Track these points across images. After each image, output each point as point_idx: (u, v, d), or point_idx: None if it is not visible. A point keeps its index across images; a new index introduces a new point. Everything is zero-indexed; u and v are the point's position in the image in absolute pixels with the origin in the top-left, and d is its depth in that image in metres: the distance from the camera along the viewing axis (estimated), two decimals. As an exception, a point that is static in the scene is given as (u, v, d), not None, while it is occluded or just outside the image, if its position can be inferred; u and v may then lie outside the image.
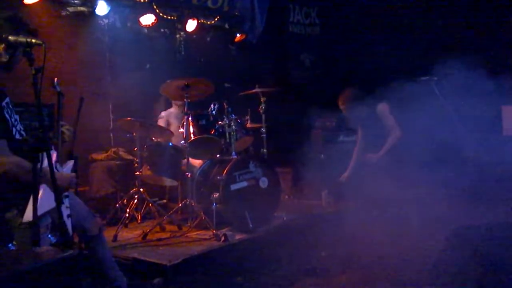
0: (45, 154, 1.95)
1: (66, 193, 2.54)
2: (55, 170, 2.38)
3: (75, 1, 4.99)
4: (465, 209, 4.15)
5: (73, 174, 2.55)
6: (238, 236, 4.04)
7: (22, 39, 2.01)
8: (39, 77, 1.96)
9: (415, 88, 4.59)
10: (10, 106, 2.44)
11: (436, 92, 4.25)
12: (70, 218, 2.47)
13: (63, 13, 5.00)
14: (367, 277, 3.73)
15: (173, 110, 5.23)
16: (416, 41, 6.22)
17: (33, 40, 2.01)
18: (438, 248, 3.35)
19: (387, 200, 4.44)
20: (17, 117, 2.49)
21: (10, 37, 2.00)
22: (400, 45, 6.18)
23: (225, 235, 3.91)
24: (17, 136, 2.42)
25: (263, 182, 4.47)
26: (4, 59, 2.32)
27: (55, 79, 2.64)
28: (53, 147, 2.52)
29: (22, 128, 2.51)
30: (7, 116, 2.35)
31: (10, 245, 2.82)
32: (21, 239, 2.30)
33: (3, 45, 2.27)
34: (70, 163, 2.74)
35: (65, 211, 2.46)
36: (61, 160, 2.60)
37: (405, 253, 3.95)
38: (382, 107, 4.86)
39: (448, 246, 3.33)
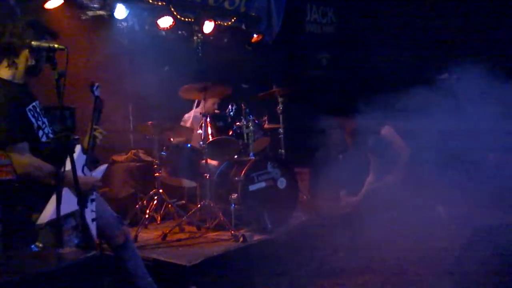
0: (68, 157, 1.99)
1: (92, 197, 2.57)
2: (82, 173, 2.43)
3: (94, 5, 5.06)
4: (485, 210, 4.09)
5: (97, 178, 2.58)
6: (256, 237, 4.04)
7: (44, 44, 2.05)
8: (62, 81, 2.01)
9: (433, 87, 4.54)
10: (37, 109, 2.50)
11: (455, 90, 4.19)
12: (94, 222, 2.51)
13: (83, 17, 5.08)
14: (387, 278, 3.70)
15: (197, 113, 5.23)
16: (434, 41, 6.14)
17: (56, 45, 2.06)
18: (458, 249, 3.30)
19: (406, 202, 4.40)
20: (45, 120, 2.54)
21: (33, 42, 2.05)
22: (419, 44, 6.11)
23: (243, 236, 3.92)
24: (44, 139, 2.47)
25: (281, 183, 4.46)
26: (31, 63, 2.37)
27: (96, 84, 2.73)
28: (81, 150, 2.57)
29: (50, 131, 2.55)
30: (32, 119, 2.41)
31: (33, 246, 2.89)
32: (45, 240, 2.36)
33: (27, 50, 2.33)
34: (102, 167, 2.76)
35: (90, 215, 2.49)
36: (89, 164, 2.63)
37: (425, 254, 3.91)
38: (386, 132, 4.85)
39: (468, 247, 3.29)
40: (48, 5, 4.68)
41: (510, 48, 5.53)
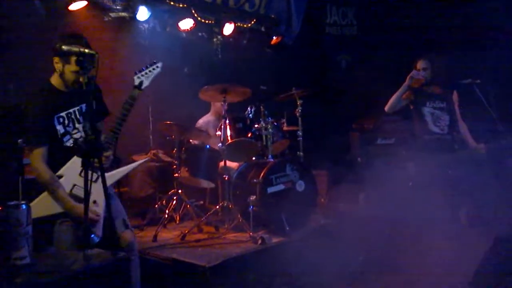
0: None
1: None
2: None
3: (117, 7, 5.13)
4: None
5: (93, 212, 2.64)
6: (274, 239, 4.05)
7: (75, 49, 2.09)
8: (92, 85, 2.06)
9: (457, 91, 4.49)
10: (73, 116, 2.69)
11: (479, 95, 4.13)
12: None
13: (106, 19, 5.15)
14: (406, 282, 3.67)
15: (210, 118, 5.28)
16: (457, 42, 6.05)
17: (86, 50, 2.09)
18: (480, 252, 3.24)
19: (428, 204, 4.34)
20: (80, 125, 2.73)
21: (63, 47, 2.09)
22: (441, 45, 6.03)
23: (262, 237, 3.93)
24: (69, 144, 2.68)
25: (300, 185, 4.46)
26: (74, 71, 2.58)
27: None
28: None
29: (82, 136, 2.71)
30: (58, 126, 2.62)
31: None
32: (62, 240, 2.42)
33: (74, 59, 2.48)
34: (140, 161, 3.06)
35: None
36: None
37: (445, 257, 3.86)
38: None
39: (491, 251, 3.23)
40: (72, 7, 4.77)
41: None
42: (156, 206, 4.65)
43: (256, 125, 4.69)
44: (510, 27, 5.62)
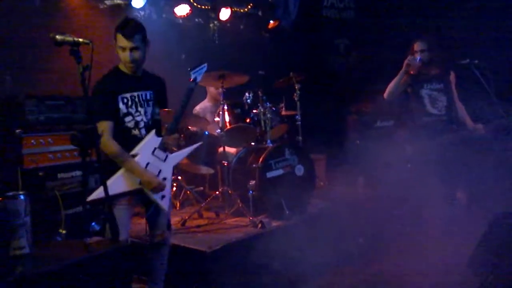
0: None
1: (164, 193, 2.89)
2: (152, 156, 2.85)
3: (112, -6, 5.09)
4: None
5: (160, 181, 2.83)
6: (274, 223, 4.09)
7: (69, 38, 2.08)
8: (86, 74, 2.07)
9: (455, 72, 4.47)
10: (137, 99, 2.94)
11: (477, 76, 4.11)
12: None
13: (101, 7, 5.10)
14: (405, 263, 3.72)
15: (207, 104, 5.28)
16: (455, 24, 6.01)
17: (80, 39, 2.09)
18: (478, 233, 3.27)
19: (426, 185, 4.37)
20: (143, 110, 2.96)
21: (57, 36, 2.08)
22: (439, 28, 5.99)
23: (262, 222, 3.97)
24: (130, 125, 2.92)
25: (299, 170, 4.49)
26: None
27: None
28: (155, 133, 2.93)
29: (145, 120, 2.96)
30: (121, 105, 2.86)
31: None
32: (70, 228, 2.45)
33: None
34: (194, 146, 3.22)
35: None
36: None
37: (444, 238, 3.89)
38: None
39: (489, 232, 3.26)
40: (66, -5, 4.73)
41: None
42: (157, 193, 4.67)
43: (254, 110, 4.69)
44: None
